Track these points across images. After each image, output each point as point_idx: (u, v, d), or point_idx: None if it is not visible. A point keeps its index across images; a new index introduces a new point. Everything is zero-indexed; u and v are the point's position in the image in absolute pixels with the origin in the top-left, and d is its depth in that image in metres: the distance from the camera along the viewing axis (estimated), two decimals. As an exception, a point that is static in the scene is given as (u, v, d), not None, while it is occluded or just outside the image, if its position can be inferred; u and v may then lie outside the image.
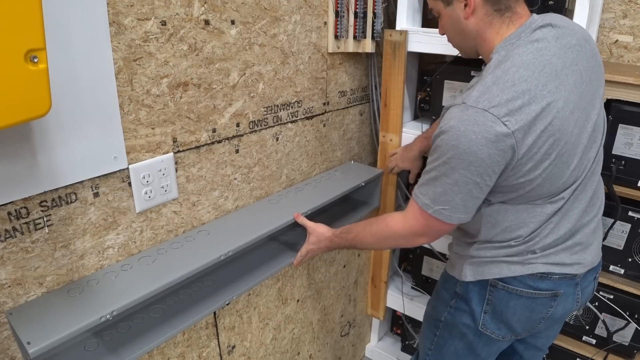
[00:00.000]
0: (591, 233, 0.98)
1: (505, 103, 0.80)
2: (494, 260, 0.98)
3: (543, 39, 0.86)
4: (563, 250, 0.94)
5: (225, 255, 0.99)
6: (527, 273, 0.94)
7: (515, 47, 0.86)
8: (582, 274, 0.97)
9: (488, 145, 0.80)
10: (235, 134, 1.12)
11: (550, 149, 0.83)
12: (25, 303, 0.79)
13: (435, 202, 0.89)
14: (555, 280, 0.95)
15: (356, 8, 1.34)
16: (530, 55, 0.84)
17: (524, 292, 0.96)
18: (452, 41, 1.02)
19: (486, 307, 1.00)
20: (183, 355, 1.11)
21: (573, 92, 0.85)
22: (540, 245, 0.93)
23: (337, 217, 1.47)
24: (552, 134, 0.82)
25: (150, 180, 0.93)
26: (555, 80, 0.83)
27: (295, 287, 1.47)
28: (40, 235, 0.79)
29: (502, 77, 0.82)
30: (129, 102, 0.87)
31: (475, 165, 0.82)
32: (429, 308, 1.18)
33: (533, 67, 0.82)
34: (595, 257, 1.00)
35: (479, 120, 0.80)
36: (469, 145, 0.81)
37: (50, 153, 0.76)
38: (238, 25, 1.04)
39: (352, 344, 1.93)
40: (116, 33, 0.82)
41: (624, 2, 1.44)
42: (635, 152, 1.20)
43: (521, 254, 0.95)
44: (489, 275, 0.98)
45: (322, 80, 1.37)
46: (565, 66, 0.85)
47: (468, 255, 1.02)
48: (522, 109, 0.80)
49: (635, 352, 1.35)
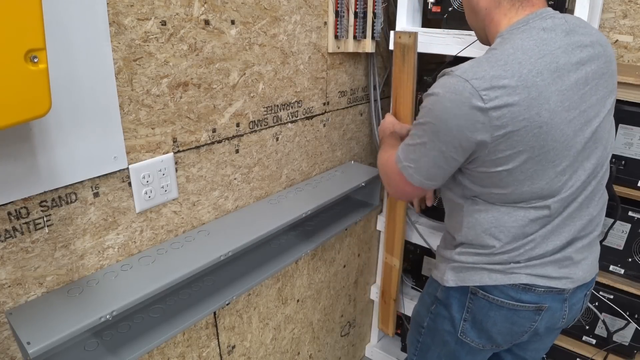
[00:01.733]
0: (585, 247, 0.93)
1: (490, 78, 0.77)
2: (475, 267, 0.94)
3: (552, 29, 0.82)
4: (550, 263, 0.90)
5: (225, 255, 0.99)
6: (509, 283, 0.90)
7: (520, 32, 0.83)
8: (571, 290, 0.92)
9: (458, 117, 0.79)
10: (235, 134, 1.12)
11: (533, 141, 0.79)
12: (25, 303, 0.79)
13: (405, 158, 0.91)
14: (539, 294, 0.90)
15: (356, 8, 1.34)
16: (532, 42, 0.80)
17: (505, 302, 0.91)
18: (469, 22, 1.00)
19: (466, 314, 0.97)
20: (183, 355, 1.11)
21: (573, 90, 0.81)
22: (526, 256, 0.89)
23: (337, 217, 1.47)
24: (538, 125, 0.78)
25: (150, 180, 0.93)
26: (552, 72, 0.79)
27: (295, 287, 1.47)
28: (40, 235, 0.79)
29: (497, 55, 0.80)
30: (129, 102, 0.87)
31: (443, 133, 0.82)
32: (414, 312, 1.15)
33: (531, 53, 0.79)
34: (587, 273, 0.94)
35: (458, 89, 0.78)
36: (441, 112, 0.81)
37: (50, 153, 0.76)
38: (238, 25, 1.04)
39: (352, 344, 1.93)
40: (116, 33, 0.82)
41: (624, 2, 1.44)
42: (635, 152, 1.20)
43: (504, 262, 0.91)
44: (470, 282, 0.94)
45: (322, 80, 1.37)
46: (569, 62, 0.81)
47: (451, 258, 0.99)
48: (505, 89, 0.77)
49: (635, 352, 1.35)
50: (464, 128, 0.79)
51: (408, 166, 0.90)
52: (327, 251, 1.58)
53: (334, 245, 1.61)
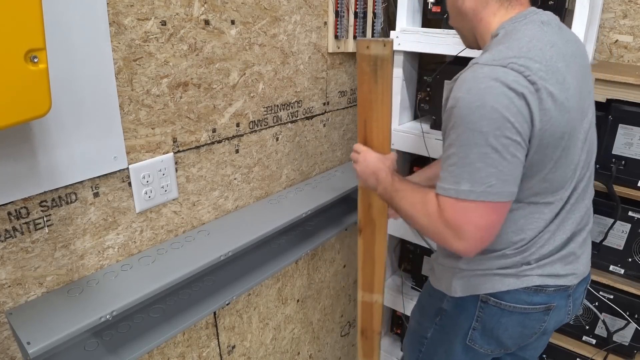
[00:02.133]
0: (583, 242, 0.93)
1: (523, 62, 0.73)
2: (486, 274, 0.90)
3: (548, 23, 0.82)
4: (558, 260, 0.89)
5: (225, 255, 0.99)
6: (522, 286, 0.88)
7: (523, 25, 0.81)
8: (574, 285, 0.92)
9: (515, 99, 0.71)
10: (235, 134, 1.12)
11: (563, 126, 0.76)
12: (25, 303, 0.79)
13: (476, 182, 0.73)
14: (549, 293, 0.89)
15: (356, 8, 1.34)
16: (539, 33, 0.79)
17: (516, 307, 0.89)
18: (454, 25, 0.97)
19: (475, 323, 0.93)
20: (183, 355, 1.11)
21: (577, 79, 0.81)
22: (536, 255, 0.87)
23: (338, 217, 1.47)
24: (567, 110, 0.75)
25: (150, 180, 0.93)
26: (563, 61, 0.78)
27: (295, 287, 1.47)
28: (40, 235, 0.79)
29: (515, 44, 0.76)
30: (129, 102, 0.87)
31: (510, 122, 0.72)
32: (413, 323, 1.10)
33: (544, 41, 0.78)
34: (586, 266, 0.95)
35: (500, 75, 0.72)
36: (496, 101, 0.71)
37: (50, 153, 0.76)
38: (238, 25, 1.04)
39: (352, 344, 1.93)
40: (116, 33, 0.82)
41: (624, 2, 1.44)
42: (635, 152, 1.20)
43: (515, 265, 0.88)
44: (482, 290, 0.90)
45: (322, 80, 1.37)
46: (568, 54, 0.81)
47: (457, 267, 0.93)
48: (539, 73, 0.73)
49: (635, 352, 1.35)
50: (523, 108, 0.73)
51: (488, 188, 0.73)
52: (327, 251, 1.58)
53: (334, 245, 1.61)
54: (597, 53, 1.51)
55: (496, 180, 0.74)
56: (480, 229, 0.77)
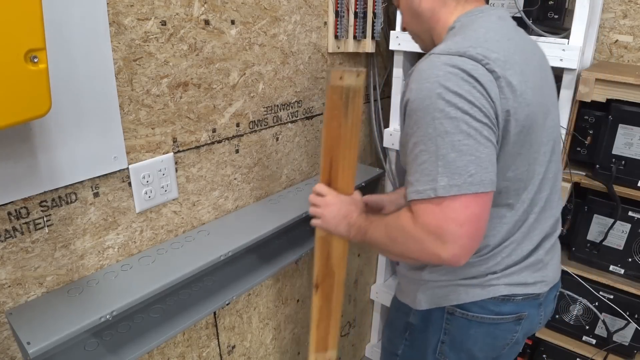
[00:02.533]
0: (551, 248, 0.90)
1: (481, 51, 0.70)
2: (451, 284, 0.86)
3: (505, 19, 0.81)
4: (526, 268, 0.85)
5: (225, 255, 0.99)
6: (489, 297, 0.84)
7: (480, 17, 0.79)
8: (544, 293, 0.89)
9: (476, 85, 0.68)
10: (235, 134, 1.12)
11: (526, 121, 0.73)
12: (25, 303, 0.79)
13: (455, 174, 0.66)
14: (518, 302, 0.85)
15: (356, 8, 1.34)
16: (496, 25, 0.77)
17: (485, 318, 0.85)
18: (409, 28, 0.93)
19: (444, 337, 0.90)
20: (183, 355, 1.11)
21: (537, 75, 0.78)
22: (502, 265, 0.83)
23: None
24: (527, 103, 0.72)
25: (150, 180, 0.93)
26: (521, 54, 0.75)
27: (295, 287, 1.47)
28: (40, 235, 0.79)
29: (472, 34, 0.74)
30: (129, 102, 0.87)
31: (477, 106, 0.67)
32: (385, 340, 1.08)
33: (501, 34, 0.75)
34: (556, 273, 0.93)
35: (458, 63, 0.69)
36: (458, 86, 0.67)
37: (50, 153, 0.76)
38: (238, 25, 1.04)
39: (352, 344, 1.93)
40: (116, 33, 0.82)
41: (624, 2, 1.44)
42: (635, 152, 1.20)
43: (481, 275, 0.84)
44: (446, 302, 0.87)
45: (322, 80, 1.37)
46: (527, 50, 0.79)
47: (421, 279, 0.89)
48: (496, 62, 0.70)
49: (635, 352, 1.35)
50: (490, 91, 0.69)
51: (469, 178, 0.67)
52: (327, 251, 1.57)
53: (334, 245, 1.61)
54: (597, 53, 1.51)
55: (475, 168, 0.67)
56: (463, 224, 0.68)
